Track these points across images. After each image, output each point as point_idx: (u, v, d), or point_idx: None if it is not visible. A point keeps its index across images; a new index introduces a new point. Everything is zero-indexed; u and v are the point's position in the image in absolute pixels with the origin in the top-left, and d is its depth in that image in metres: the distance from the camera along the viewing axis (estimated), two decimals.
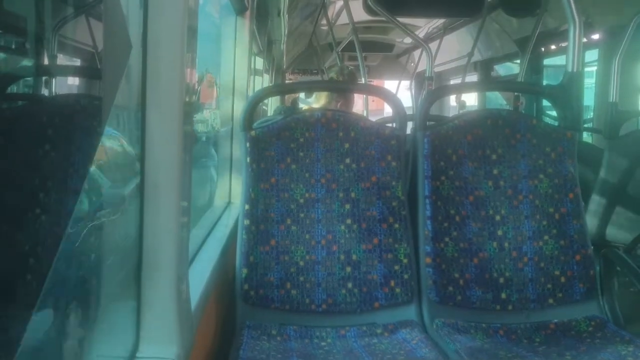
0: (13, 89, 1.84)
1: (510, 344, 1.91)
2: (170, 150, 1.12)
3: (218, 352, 1.88)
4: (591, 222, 2.73)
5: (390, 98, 2.22)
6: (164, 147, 1.12)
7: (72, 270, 0.98)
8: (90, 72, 2.00)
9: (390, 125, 2.16)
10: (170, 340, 1.15)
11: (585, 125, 4.09)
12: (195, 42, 1.24)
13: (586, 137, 4.39)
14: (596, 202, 2.80)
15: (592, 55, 4.34)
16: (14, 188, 1.47)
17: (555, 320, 2.02)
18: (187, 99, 1.16)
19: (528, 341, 1.94)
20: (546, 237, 2.08)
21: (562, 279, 2.06)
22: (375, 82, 9.64)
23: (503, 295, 2.04)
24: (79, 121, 1.56)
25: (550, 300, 2.05)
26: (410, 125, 2.29)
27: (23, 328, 0.81)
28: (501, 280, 2.05)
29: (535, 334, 1.98)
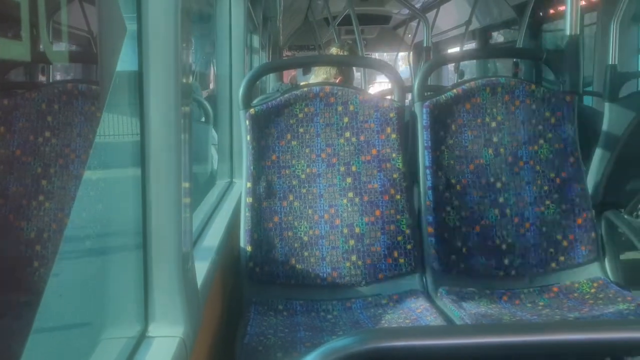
0: (10, 77, 1.84)
1: (514, 308, 1.94)
2: (169, 132, 1.13)
3: (226, 329, 1.91)
4: (592, 185, 2.74)
5: (387, 70, 2.22)
6: (163, 129, 1.13)
7: None
8: (87, 57, 2.00)
9: (388, 97, 2.16)
10: (178, 319, 1.17)
11: (585, 89, 4.07)
12: (190, 23, 1.24)
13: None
14: (597, 165, 2.80)
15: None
16: (16, 176, 1.49)
17: (558, 284, 2.04)
18: (184, 80, 1.17)
19: (532, 305, 1.96)
20: (547, 202, 2.09)
21: (564, 243, 2.07)
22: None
23: (506, 262, 2.06)
24: (78, 107, 1.57)
25: (553, 264, 2.07)
26: (409, 97, 2.29)
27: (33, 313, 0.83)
28: (504, 246, 2.07)
29: (539, 297, 2.00)
